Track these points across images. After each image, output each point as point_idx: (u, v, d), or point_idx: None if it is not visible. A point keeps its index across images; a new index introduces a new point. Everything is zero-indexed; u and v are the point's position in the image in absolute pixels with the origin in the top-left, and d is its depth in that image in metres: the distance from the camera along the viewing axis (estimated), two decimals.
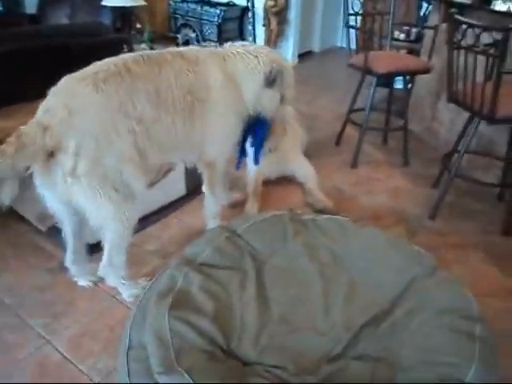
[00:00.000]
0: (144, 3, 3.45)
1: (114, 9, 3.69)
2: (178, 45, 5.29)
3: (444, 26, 2.74)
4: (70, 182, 1.48)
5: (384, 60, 2.64)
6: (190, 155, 1.96)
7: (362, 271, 1.76)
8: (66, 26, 3.00)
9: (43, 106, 1.50)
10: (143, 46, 3.40)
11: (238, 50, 1.87)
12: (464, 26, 2.02)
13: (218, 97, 1.78)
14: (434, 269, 1.76)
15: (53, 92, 1.52)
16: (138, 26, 3.57)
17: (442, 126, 3.20)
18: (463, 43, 2.05)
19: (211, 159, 1.96)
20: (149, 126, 1.62)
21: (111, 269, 1.73)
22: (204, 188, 2.11)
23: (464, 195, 2.61)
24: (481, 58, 1.97)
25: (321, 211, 2.38)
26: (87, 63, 2.82)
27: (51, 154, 1.46)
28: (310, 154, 3.06)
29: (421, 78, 3.27)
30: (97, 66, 1.59)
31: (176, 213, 2.36)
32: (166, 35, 5.81)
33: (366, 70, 2.65)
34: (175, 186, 2.51)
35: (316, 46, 6.01)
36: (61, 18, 4.37)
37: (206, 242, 1.84)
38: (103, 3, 3.36)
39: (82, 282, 1.86)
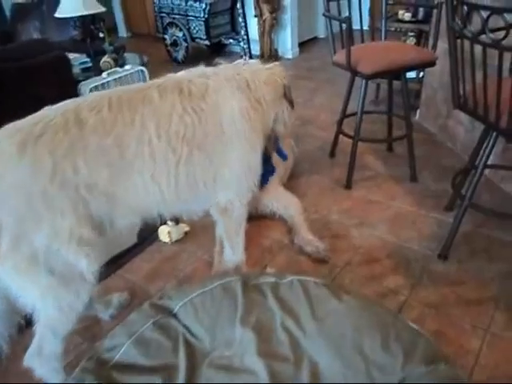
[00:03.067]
0: (103, 10, 3.03)
1: (82, 19, 3.30)
2: (166, 46, 4.85)
3: None
4: None
5: (372, 55, 2.08)
6: (193, 207, 1.58)
7: (329, 369, 1.29)
8: None
9: None
10: (105, 58, 3.00)
11: (258, 69, 1.56)
12: (466, 8, 1.45)
13: (239, 133, 1.45)
14: (432, 362, 1.26)
15: None
16: (101, 35, 3.17)
17: (459, 124, 2.60)
18: (467, 31, 1.48)
19: (226, 205, 1.58)
20: (110, 190, 1.29)
21: (41, 359, 1.37)
22: (222, 238, 1.73)
23: (487, 223, 2.03)
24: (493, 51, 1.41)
25: (311, 254, 1.92)
26: (23, 90, 2.48)
27: None
28: (297, 171, 2.58)
29: (432, 68, 2.66)
30: (44, 113, 1.26)
31: (121, 270, 1.95)
32: (156, 36, 5.40)
33: (351, 71, 2.10)
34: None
35: (321, 32, 5.39)
36: (31, 33, 4.06)
37: (127, 329, 1.42)
38: (56, 15, 2.96)
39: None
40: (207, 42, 4.63)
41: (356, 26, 2.18)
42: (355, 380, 1.24)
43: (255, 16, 4.44)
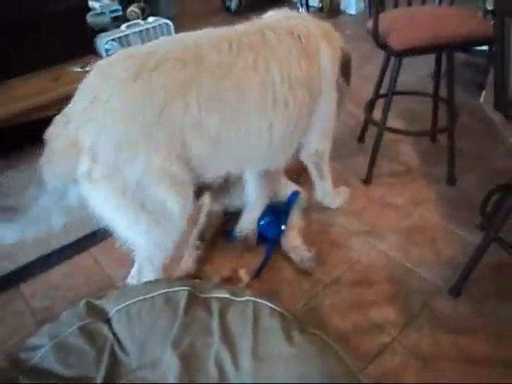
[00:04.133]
0: None
1: None
2: None
3: None
4: (88, 186, 1.21)
5: (411, 24, 1.62)
6: (284, 157, 1.60)
7: None
8: None
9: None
10: (132, 7, 2.76)
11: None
12: None
13: (329, 82, 1.50)
14: None
15: (95, 68, 1.24)
16: None
17: None
18: None
19: (317, 151, 1.69)
20: (217, 135, 1.26)
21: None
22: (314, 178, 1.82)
23: None
24: None
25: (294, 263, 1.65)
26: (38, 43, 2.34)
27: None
28: None
29: None
30: (161, 43, 1.31)
31: (95, 249, 1.83)
32: None
33: (378, 43, 1.68)
34: None
35: None
36: None
37: (54, 330, 1.29)
38: None
39: None
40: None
41: None
42: None
43: None
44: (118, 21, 3.03)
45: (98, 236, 1.85)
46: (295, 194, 1.88)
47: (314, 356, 1.14)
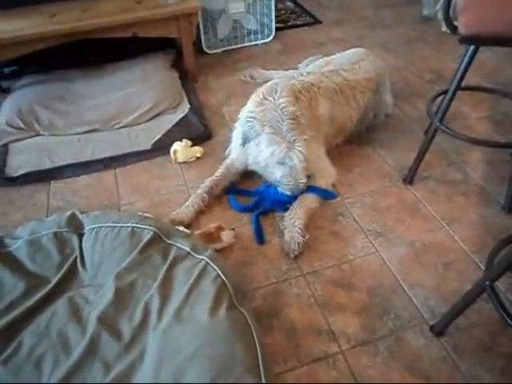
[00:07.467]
0: None
1: None
2: None
3: None
4: None
5: (491, 5, 1.28)
6: None
7: (142, 377, 1.08)
8: None
9: None
10: None
11: None
12: None
13: None
14: None
15: None
16: None
17: None
18: None
19: None
20: None
21: None
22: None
23: None
24: None
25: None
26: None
27: None
28: (370, 136, 2.04)
29: None
30: None
31: (121, 169, 1.95)
32: None
33: (449, 24, 1.36)
34: (142, 136, 2.06)
35: None
36: None
37: (35, 228, 1.45)
38: None
39: None
40: None
41: None
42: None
43: None
44: None
45: (125, 159, 1.98)
46: (329, 193, 1.74)
47: (224, 337, 1.10)
